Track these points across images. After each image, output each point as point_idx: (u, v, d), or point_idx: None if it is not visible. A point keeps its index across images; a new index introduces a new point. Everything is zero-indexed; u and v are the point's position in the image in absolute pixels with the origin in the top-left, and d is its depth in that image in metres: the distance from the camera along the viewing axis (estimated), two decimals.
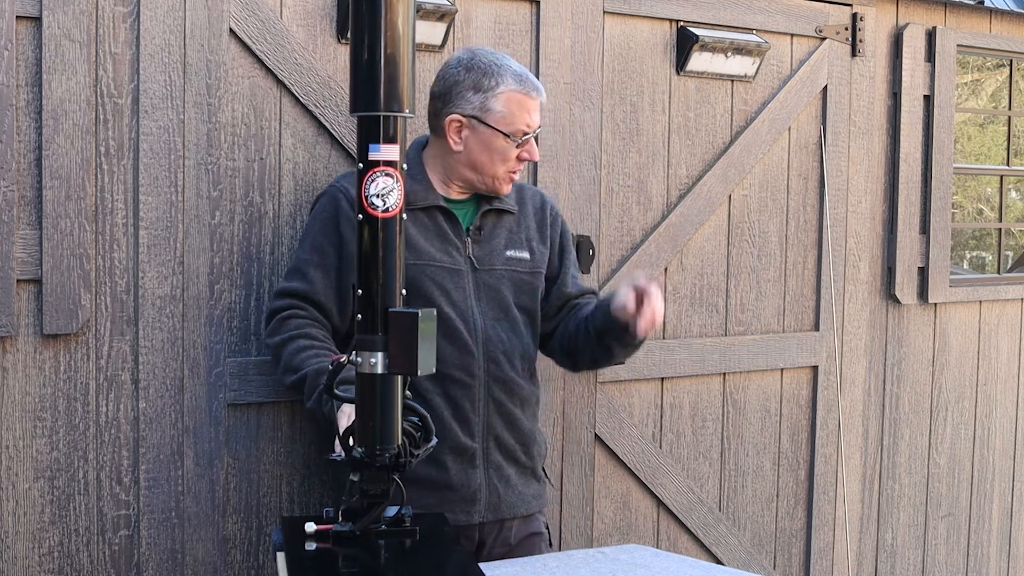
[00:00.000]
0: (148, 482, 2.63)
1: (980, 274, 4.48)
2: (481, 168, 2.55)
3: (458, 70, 2.55)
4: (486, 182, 2.57)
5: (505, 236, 2.64)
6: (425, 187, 2.56)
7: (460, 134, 2.54)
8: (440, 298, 2.51)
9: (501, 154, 2.53)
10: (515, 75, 2.53)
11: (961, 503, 4.16)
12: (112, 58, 2.54)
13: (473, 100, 2.52)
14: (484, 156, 2.54)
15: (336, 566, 2.10)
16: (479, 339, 2.56)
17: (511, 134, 2.52)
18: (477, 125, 2.52)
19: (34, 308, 2.49)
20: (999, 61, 4.31)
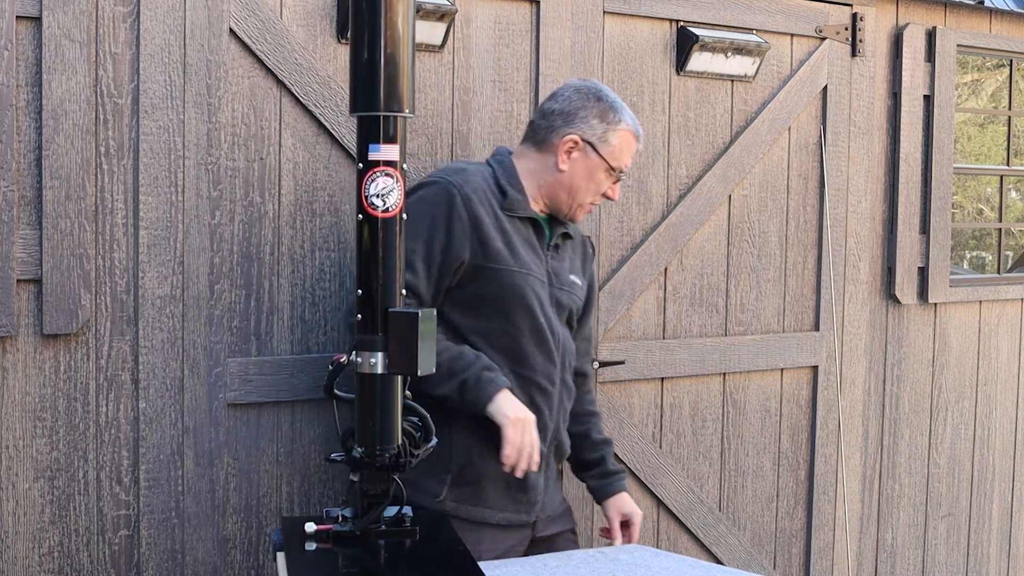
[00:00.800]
0: (148, 482, 2.63)
1: (980, 274, 4.48)
2: (575, 192, 2.63)
3: (587, 96, 2.63)
4: (571, 207, 2.65)
5: (569, 258, 2.74)
6: (524, 197, 2.62)
7: (571, 155, 2.61)
8: (536, 307, 2.58)
9: (597, 185, 2.63)
10: (631, 117, 2.67)
11: (961, 503, 4.16)
12: (112, 58, 2.54)
13: (596, 128, 2.61)
14: (583, 182, 2.62)
15: (336, 566, 2.10)
16: (560, 349, 2.65)
17: (615, 168, 2.63)
18: (590, 151, 2.61)
19: (34, 308, 2.49)
20: (999, 61, 4.31)
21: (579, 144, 2.60)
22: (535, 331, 2.57)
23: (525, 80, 3.08)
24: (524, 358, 2.56)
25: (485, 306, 2.53)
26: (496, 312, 2.53)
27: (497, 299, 2.52)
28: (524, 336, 2.55)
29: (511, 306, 2.53)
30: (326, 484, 2.85)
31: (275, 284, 2.76)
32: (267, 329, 2.75)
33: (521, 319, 2.54)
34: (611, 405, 3.28)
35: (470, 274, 2.50)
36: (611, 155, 2.61)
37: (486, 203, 2.53)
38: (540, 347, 2.58)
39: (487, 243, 2.50)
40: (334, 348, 2.83)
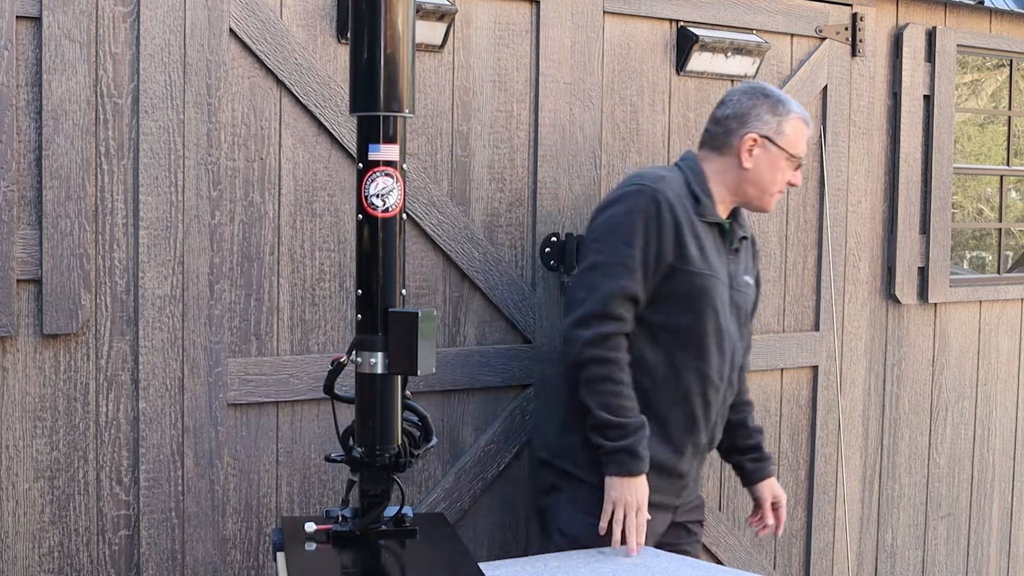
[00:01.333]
0: (148, 482, 2.63)
1: (980, 274, 4.48)
2: (763, 186, 2.77)
3: (755, 96, 2.80)
4: (762, 199, 2.79)
5: (744, 262, 2.87)
6: (713, 203, 2.76)
7: (752, 152, 2.76)
8: (720, 309, 2.72)
9: (782, 174, 2.77)
10: (798, 106, 2.82)
11: (961, 503, 4.16)
12: (112, 58, 2.54)
13: (770, 122, 2.76)
14: (768, 175, 2.76)
15: (336, 566, 2.10)
16: (731, 348, 2.78)
17: (794, 156, 2.77)
18: (769, 145, 2.75)
19: (34, 308, 2.49)
20: (999, 61, 4.31)
21: (758, 141, 2.75)
22: (717, 331, 2.71)
23: (525, 80, 3.08)
24: (706, 355, 2.71)
25: (678, 305, 2.67)
26: (686, 311, 2.67)
27: (688, 299, 2.67)
28: (708, 335, 2.70)
29: (700, 307, 2.68)
30: (326, 484, 2.85)
31: (275, 284, 2.76)
32: (267, 329, 2.75)
33: (708, 319, 2.69)
34: None
35: (668, 275, 2.65)
36: (788, 144, 2.76)
37: (683, 208, 2.68)
38: (718, 346, 2.72)
39: (684, 246, 2.65)
40: (334, 348, 2.83)
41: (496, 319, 3.07)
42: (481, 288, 3.03)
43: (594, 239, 2.71)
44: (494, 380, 3.06)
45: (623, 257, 2.62)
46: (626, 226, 2.64)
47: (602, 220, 2.71)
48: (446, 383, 2.98)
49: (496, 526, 3.12)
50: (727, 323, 2.75)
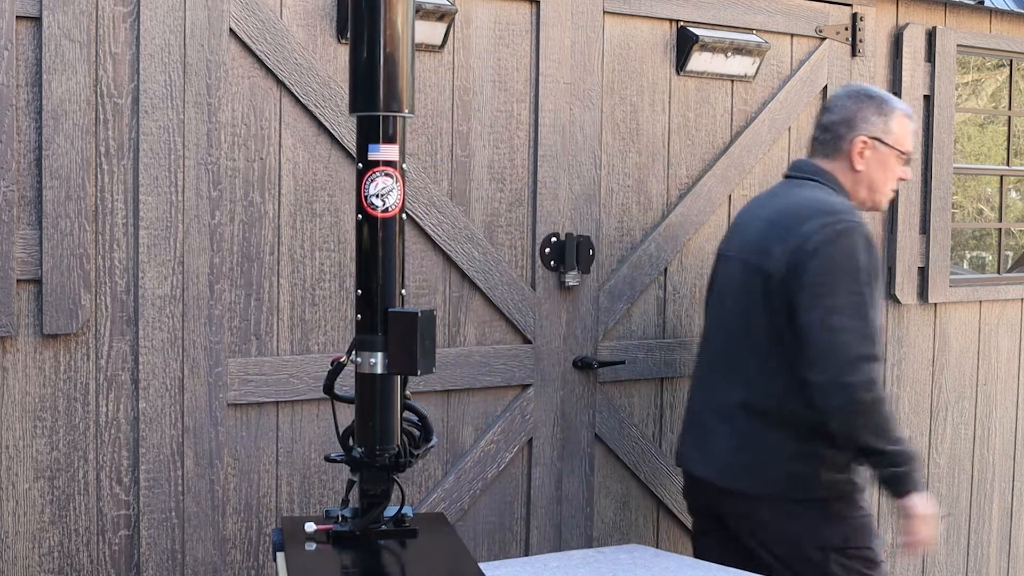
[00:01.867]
0: (148, 482, 2.63)
1: (980, 274, 4.48)
2: (876, 186, 2.83)
3: (859, 98, 2.84)
4: (875, 199, 2.85)
5: None
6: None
7: (863, 154, 2.81)
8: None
9: (893, 172, 2.83)
10: (900, 102, 2.85)
11: (961, 503, 4.16)
12: (112, 58, 2.54)
13: (877, 123, 2.81)
14: (880, 174, 2.82)
15: (336, 566, 2.10)
16: None
17: (904, 152, 2.82)
18: (879, 145, 2.81)
19: (34, 308, 2.49)
20: (999, 61, 4.31)
21: (868, 142, 2.80)
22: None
23: (525, 80, 3.09)
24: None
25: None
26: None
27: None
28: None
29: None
30: (326, 484, 2.85)
31: (275, 284, 2.76)
32: (267, 329, 2.75)
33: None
34: (611, 405, 3.28)
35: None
36: (896, 141, 2.81)
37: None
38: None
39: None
40: (334, 348, 2.83)
41: (496, 319, 3.07)
42: (481, 288, 3.03)
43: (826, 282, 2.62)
44: (494, 380, 3.06)
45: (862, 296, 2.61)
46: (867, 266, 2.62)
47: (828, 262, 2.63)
48: (446, 383, 2.98)
49: (496, 526, 3.12)
50: None
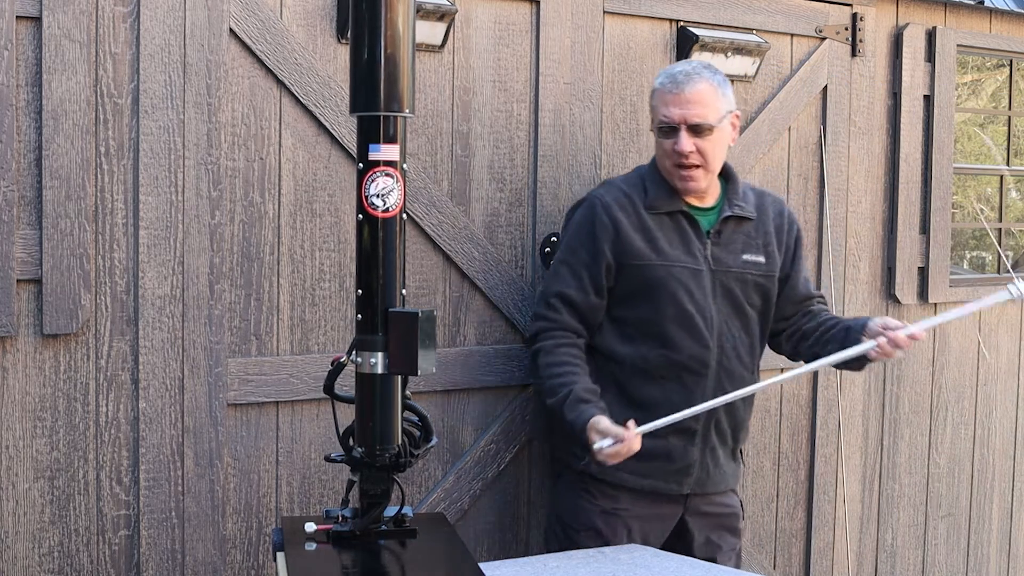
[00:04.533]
0: (148, 482, 2.63)
1: (980, 274, 4.48)
2: (660, 164, 2.81)
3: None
4: (667, 177, 2.79)
5: (742, 240, 2.85)
6: (669, 193, 2.80)
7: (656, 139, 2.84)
8: (683, 296, 2.75)
9: (661, 148, 2.78)
10: (664, 74, 2.80)
11: (961, 503, 4.16)
12: (112, 58, 2.54)
13: (650, 108, 2.84)
14: (658, 153, 2.81)
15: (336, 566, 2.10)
16: (714, 334, 2.79)
17: (656, 128, 2.78)
18: (652, 126, 2.83)
19: (34, 308, 2.49)
20: (999, 61, 4.31)
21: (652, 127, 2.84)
22: (682, 317, 2.75)
23: (525, 80, 3.08)
24: (671, 342, 2.75)
25: (633, 298, 2.77)
26: (642, 302, 2.76)
27: (642, 291, 2.76)
28: (670, 322, 2.75)
29: (655, 296, 2.75)
30: (326, 484, 2.85)
31: (275, 284, 2.76)
32: (267, 329, 2.75)
33: (666, 307, 2.75)
34: None
35: (617, 272, 2.76)
36: (652, 119, 2.80)
37: (628, 207, 2.78)
38: (689, 332, 2.75)
39: (627, 243, 2.75)
40: (334, 348, 2.83)
41: (496, 319, 3.07)
42: (481, 288, 3.03)
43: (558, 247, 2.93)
44: (494, 380, 3.06)
45: (558, 263, 2.83)
46: (568, 239, 2.84)
47: (562, 231, 2.95)
48: (446, 383, 2.98)
49: (496, 526, 3.12)
50: (701, 308, 2.77)
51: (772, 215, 2.93)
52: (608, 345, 2.80)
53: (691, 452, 2.80)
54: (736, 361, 2.83)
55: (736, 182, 2.90)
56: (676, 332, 2.75)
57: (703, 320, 2.77)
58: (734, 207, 2.84)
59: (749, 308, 2.86)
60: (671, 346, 2.75)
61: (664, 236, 2.78)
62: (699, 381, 2.78)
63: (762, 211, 2.91)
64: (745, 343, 2.85)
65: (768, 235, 2.89)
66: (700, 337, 2.76)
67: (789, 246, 2.95)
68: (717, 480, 2.88)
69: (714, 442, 2.85)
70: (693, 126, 2.71)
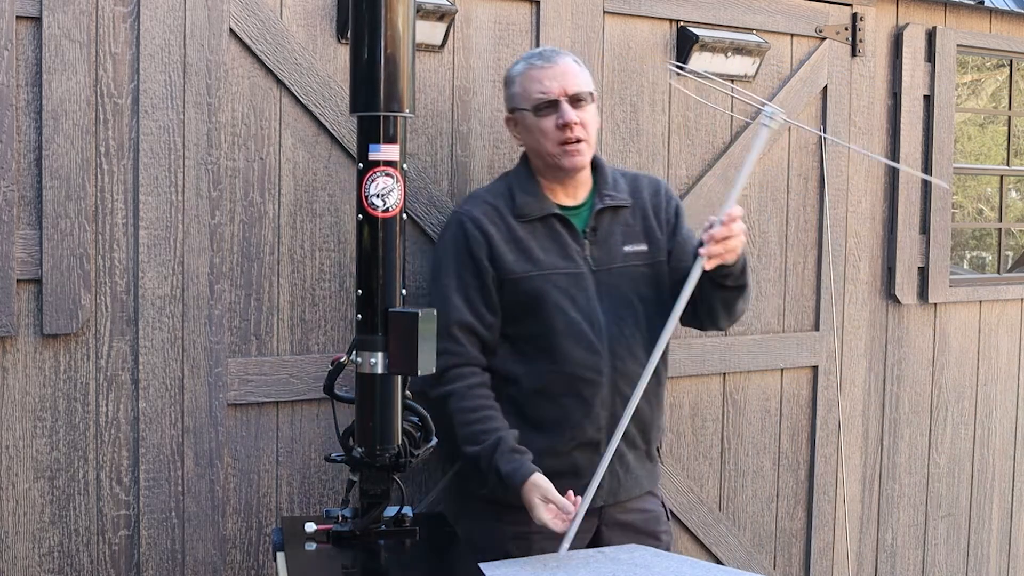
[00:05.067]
0: (148, 482, 2.63)
1: (980, 274, 4.48)
2: (539, 152, 2.65)
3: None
4: (550, 162, 2.65)
5: (621, 231, 2.72)
6: (537, 197, 2.67)
7: (517, 131, 2.71)
8: (566, 303, 2.62)
9: (539, 130, 2.62)
10: (526, 56, 2.69)
11: (961, 503, 4.16)
12: (112, 58, 2.54)
13: (507, 96, 2.72)
14: (532, 139, 2.65)
15: (336, 566, 2.10)
16: (604, 338, 2.65)
17: (532, 107, 2.61)
18: (516, 115, 2.68)
19: (34, 308, 2.49)
20: (999, 61, 4.31)
21: (511, 118, 2.71)
22: (569, 327, 2.61)
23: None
24: (561, 355, 2.62)
25: (518, 314, 2.63)
26: (527, 317, 2.62)
27: (524, 305, 2.62)
28: (558, 334, 2.61)
29: (538, 309, 2.62)
30: (326, 484, 2.85)
31: (275, 284, 2.76)
32: (267, 329, 2.75)
33: (552, 319, 2.61)
34: None
35: (500, 288, 2.63)
36: (521, 100, 2.64)
37: (496, 219, 2.64)
38: (578, 342, 2.62)
39: (500, 257, 2.61)
40: (334, 348, 2.83)
41: None
42: None
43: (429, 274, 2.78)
44: None
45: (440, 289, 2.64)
46: (441, 261, 2.67)
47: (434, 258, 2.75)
48: None
49: None
50: (589, 314, 2.63)
51: (648, 196, 2.78)
52: (503, 366, 2.65)
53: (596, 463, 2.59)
54: (632, 362, 2.67)
55: (604, 171, 2.75)
56: (565, 343, 2.60)
57: (591, 326, 2.63)
58: (605, 198, 2.70)
59: (639, 303, 2.70)
60: (562, 359, 2.61)
61: (537, 244, 2.63)
62: (595, 391, 2.63)
63: (637, 195, 2.76)
64: (640, 341, 2.69)
65: (647, 218, 2.75)
66: (590, 345, 2.62)
67: (669, 220, 2.79)
68: (630, 487, 2.75)
69: (621, 449, 2.67)
70: (574, 96, 2.59)
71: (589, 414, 2.63)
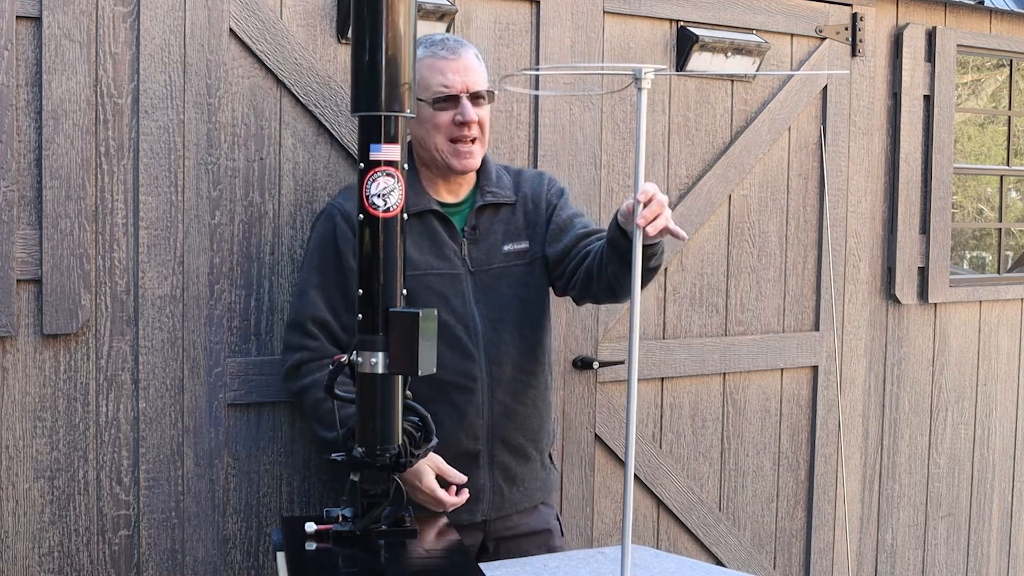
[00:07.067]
0: (148, 482, 2.63)
1: (980, 274, 4.48)
2: (427, 145, 2.51)
3: None
4: (438, 160, 2.51)
5: (502, 230, 2.60)
6: (416, 192, 2.52)
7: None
8: (439, 305, 2.46)
9: (432, 123, 2.48)
10: (429, 44, 2.50)
11: (961, 503, 4.16)
12: (112, 58, 2.54)
13: None
14: (422, 130, 2.51)
15: (336, 566, 2.10)
16: (480, 343, 2.54)
17: (428, 99, 2.47)
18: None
19: (34, 308, 2.49)
20: (999, 61, 4.31)
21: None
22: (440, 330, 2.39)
23: (525, 80, 3.08)
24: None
25: None
26: None
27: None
28: None
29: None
30: (326, 484, 2.85)
31: (275, 284, 2.76)
32: (267, 329, 2.75)
33: None
34: (611, 405, 3.28)
35: None
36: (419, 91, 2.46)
37: None
38: (449, 345, 2.49)
39: None
40: None
41: None
42: None
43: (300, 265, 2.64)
44: None
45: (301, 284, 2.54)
46: (308, 254, 2.56)
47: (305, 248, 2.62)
48: None
49: None
50: (464, 317, 2.52)
51: (529, 189, 2.64)
52: None
53: (478, 476, 2.54)
54: (510, 367, 2.56)
55: (488, 167, 2.62)
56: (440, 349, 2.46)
57: (465, 329, 2.51)
58: (486, 195, 2.58)
59: (519, 303, 2.59)
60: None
61: (412, 243, 2.48)
62: (470, 398, 2.52)
63: (519, 191, 2.63)
64: (520, 344, 2.58)
65: (529, 213, 2.62)
66: (463, 349, 2.51)
67: (551, 202, 2.65)
68: (517, 500, 2.63)
69: (507, 461, 2.59)
70: (475, 94, 2.47)
71: (462, 423, 2.52)
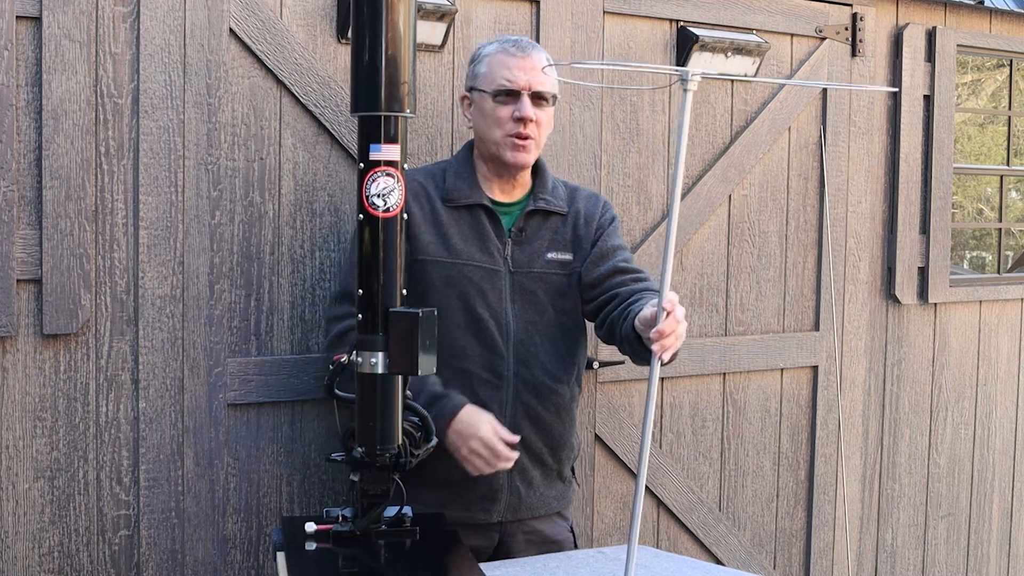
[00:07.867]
0: (148, 482, 2.63)
1: (980, 274, 4.48)
2: (485, 136, 2.57)
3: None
4: (493, 151, 2.56)
5: (549, 237, 2.62)
6: (470, 185, 2.58)
7: (469, 110, 2.62)
8: (475, 298, 2.52)
9: (493, 116, 2.54)
10: (502, 41, 2.59)
11: (961, 503, 4.16)
12: (112, 58, 2.54)
13: (470, 73, 2.61)
14: (483, 122, 2.57)
15: (336, 566, 2.10)
16: (510, 342, 2.55)
17: (493, 92, 2.53)
18: (474, 94, 2.59)
19: (34, 308, 2.49)
20: (999, 61, 4.31)
21: (468, 96, 2.62)
22: (472, 323, 2.51)
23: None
24: (459, 350, 2.51)
25: (421, 299, 2.46)
26: (431, 303, 2.41)
27: (430, 291, 2.50)
28: (459, 328, 2.51)
29: (444, 298, 2.49)
30: (326, 484, 2.85)
31: (275, 284, 2.76)
32: (267, 329, 2.75)
33: (455, 311, 2.51)
34: (611, 405, 3.28)
35: (411, 265, 2.48)
36: (484, 82, 2.55)
37: (423, 198, 2.55)
38: (479, 339, 2.52)
39: (416, 237, 2.51)
40: None
41: None
42: None
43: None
44: None
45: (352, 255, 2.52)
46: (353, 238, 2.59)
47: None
48: None
49: None
50: (497, 313, 2.53)
51: (584, 207, 2.66)
52: None
53: (497, 476, 2.51)
54: (539, 371, 2.57)
55: (545, 175, 2.66)
56: (465, 339, 2.50)
57: (497, 326, 2.53)
58: (539, 200, 2.61)
59: (554, 312, 2.60)
60: (459, 354, 2.50)
61: (458, 232, 2.53)
62: (494, 394, 2.53)
63: (573, 206, 2.66)
64: (550, 351, 2.59)
65: (579, 227, 2.63)
66: (493, 345, 2.52)
67: (602, 227, 2.67)
68: (533, 504, 2.63)
69: (525, 464, 2.57)
70: (537, 93, 2.52)
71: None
